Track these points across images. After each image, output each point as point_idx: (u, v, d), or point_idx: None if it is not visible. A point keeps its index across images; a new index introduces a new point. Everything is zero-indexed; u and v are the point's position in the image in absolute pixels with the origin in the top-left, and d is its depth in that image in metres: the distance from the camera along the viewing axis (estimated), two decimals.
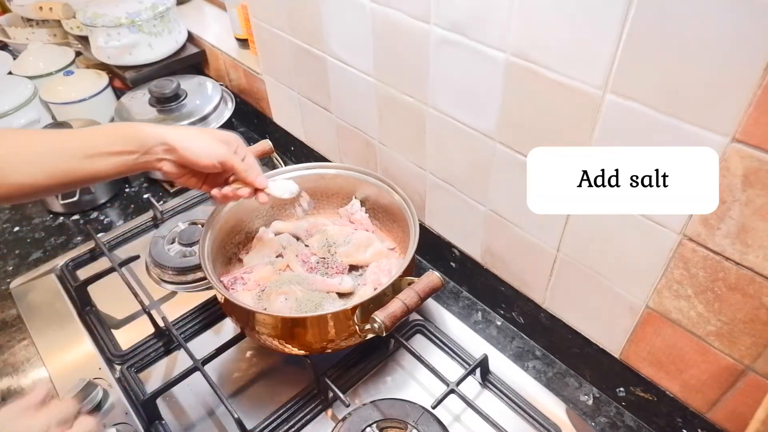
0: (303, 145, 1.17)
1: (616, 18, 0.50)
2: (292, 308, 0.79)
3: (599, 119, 0.57)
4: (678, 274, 0.59)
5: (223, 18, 1.37)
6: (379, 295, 0.73)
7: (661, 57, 0.49)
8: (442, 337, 0.85)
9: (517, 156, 0.69)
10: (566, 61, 0.57)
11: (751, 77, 0.44)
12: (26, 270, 1.02)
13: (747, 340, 0.57)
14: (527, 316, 0.85)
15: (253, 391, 0.81)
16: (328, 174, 0.95)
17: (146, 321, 0.86)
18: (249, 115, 1.33)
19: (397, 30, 0.74)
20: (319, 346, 0.75)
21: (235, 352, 0.85)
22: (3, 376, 0.85)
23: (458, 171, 0.81)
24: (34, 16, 1.42)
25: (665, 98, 0.51)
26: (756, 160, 0.47)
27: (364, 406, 0.74)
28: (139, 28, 1.22)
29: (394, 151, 0.91)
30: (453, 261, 0.93)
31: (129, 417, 0.77)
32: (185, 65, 1.34)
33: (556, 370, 0.83)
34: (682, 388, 0.68)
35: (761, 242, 0.51)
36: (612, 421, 0.76)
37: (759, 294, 0.53)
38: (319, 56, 0.93)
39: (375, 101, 0.87)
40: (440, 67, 0.72)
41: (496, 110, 0.68)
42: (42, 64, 1.35)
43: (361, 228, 0.94)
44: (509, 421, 0.73)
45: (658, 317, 0.64)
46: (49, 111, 1.30)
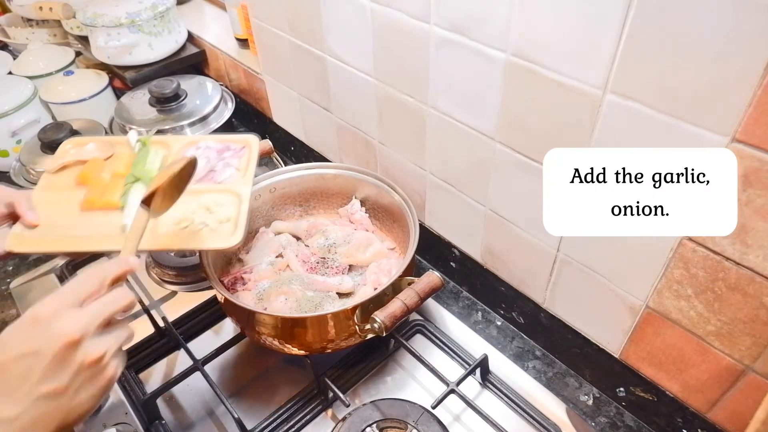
0: (303, 145, 1.17)
1: (616, 18, 0.50)
2: (292, 308, 0.79)
3: (599, 119, 0.57)
4: (678, 274, 0.59)
5: (223, 18, 1.37)
6: (379, 295, 0.73)
7: (661, 57, 0.49)
8: (442, 337, 0.85)
9: (517, 156, 0.69)
10: (566, 61, 0.57)
11: (751, 77, 0.44)
12: (26, 270, 1.02)
13: (747, 340, 0.57)
14: (527, 316, 0.85)
15: (253, 391, 0.81)
16: (328, 174, 0.95)
17: (146, 321, 0.87)
18: (249, 115, 1.33)
19: (397, 30, 0.74)
20: (319, 346, 0.75)
21: (235, 352, 0.85)
22: None
23: (458, 171, 0.81)
24: (34, 16, 1.42)
25: (665, 98, 0.51)
26: (756, 160, 0.47)
27: (364, 406, 0.74)
28: (139, 28, 1.21)
29: (394, 151, 0.91)
30: (453, 261, 0.93)
31: (129, 417, 0.77)
32: (185, 65, 1.34)
33: (556, 370, 0.83)
34: (682, 388, 0.68)
35: (761, 242, 0.51)
36: (612, 421, 0.76)
37: (759, 294, 0.53)
38: (319, 56, 0.93)
39: (375, 101, 0.87)
40: (440, 67, 0.72)
41: (496, 110, 0.68)
42: (42, 64, 1.35)
43: (361, 228, 0.94)
44: (509, 421, 0.73)
45: (658, 317, 0.64)
46: (49, 111, 1.30)
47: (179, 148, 0.82)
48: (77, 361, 0.46)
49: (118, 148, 0.80)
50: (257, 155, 0.83)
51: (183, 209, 0.71)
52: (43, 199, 0.73)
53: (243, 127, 1.37)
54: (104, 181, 0.75)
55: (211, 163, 0.81)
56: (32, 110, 1.25)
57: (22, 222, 0.68)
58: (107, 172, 0.76)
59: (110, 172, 0.76)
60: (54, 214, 0.71)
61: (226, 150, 0.84)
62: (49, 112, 1.30)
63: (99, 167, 0.78)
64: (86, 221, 0.71)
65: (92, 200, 0.73)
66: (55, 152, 0.81)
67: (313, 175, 0.94)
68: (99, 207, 0.72)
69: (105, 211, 0.72)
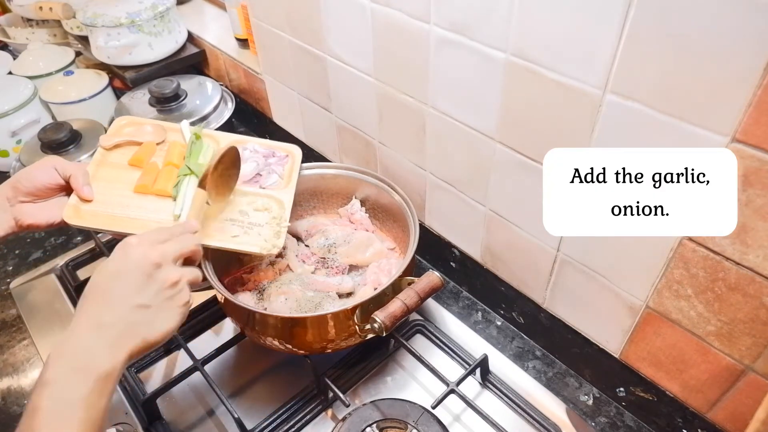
0: (303, 145, 1.17)
1: (616, 18, 0.50)
2: (292, 308, 0.79)
3: (599, 119, 0.57)
4: (678, 274, 0.59)
5: (223, 18, 1.37)
6: (379, 295, 0.73)
7: (661, 57, 0.49)
8: (442, 337, 0.85)
9: (517, 156, 0.69)
10: (566, 61, 0.57)
11: (751, 77, 0.44)
12: (26, 270, 1.02)
13: (747, 340, 0.57)
14: (527, 316, 0.85)
15: (253, 391, 0.81)
16: (328, 174, 0.95)
17: None
18: (249, 115, 1.33)
19: (397, 30, 0.74)
20: (319, 346, 0.75)
21: (235, 352, 0.85)
22: (3, 376, 0.85)
23: (458, 171, 0.81)
24: (34, 16, 1.42)
25: (665, 98, 0.51)
26: (756, 160, 0.47)
27: (364, 406, 0.74)
28: (139, 28, 1.21)
29: (394, 151, 0.91)
30: (453, 261, 0.93)
31: (129, 417, 0.77)
32: (185, 65, 1.34)
33: (556, 370, 0.83)
34: (682, 388, 0.68)
35: (761, 242, 0.51)
36: (612, 421, 0.76)
37: (759, 294, 0.53)
38: (319, 56, 0.93)
39: (375, 101, 0.87)
40: (440, 66, 0.72)
41: (496, 110, 0.68)
42: (42, 64, 1.35)
43: (361, 228, 0.94)
44: (509, 421, 0.73)
45: (658, 317, 0.64)
46: (49, 111, 1.30)
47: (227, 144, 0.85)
48: (159, 280, 0.56)
49: (170, 134, 0.84)
50: (299, 166, 0.88)
51: (232, 207, 0.80)
52: (98, 174, 0.77)
53: (243, 127, 1.37)
54: (156, 167, 0.79)
55: (259, 167, 0.84)
56: (32, 110, 1.25)
57: (77, 195, 0.72)
58: (159, 158, 0.80)
59: (162, 159, 0.80)
60: (107, 191, 0.75)
61: (271, 156, 0.88)
62: (49, 112, 1.30)
63: (151, 152, 0.81)
64: (139, 204, 0.75)
65: (145, 186, 0.76)
66: (110, 126, 0.85)
67: (313, 175, 0.94)
68: (151, 193, 0.76)
69: (157, 197, 0.76)
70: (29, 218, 0.70)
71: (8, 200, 0.70)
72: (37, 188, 0.71)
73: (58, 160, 0.73)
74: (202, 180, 0.72)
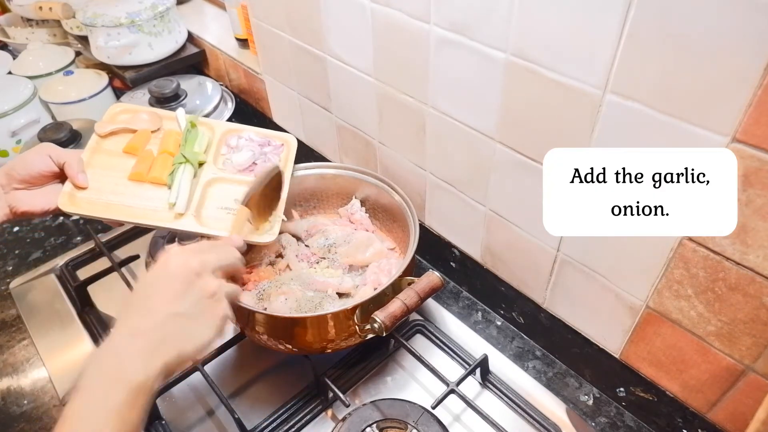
0: (303, 145, 1.17)
1: (616, 18, 0.50)
2: (292, 308, 0.79)
3: (599, 119, 0.57)
4: (678, 274, 0.59)
5: (223, 18, 1.37)
6: (379, 295, 0.73)
7: (661, 57, 0.49)
8: (442, 337, 0.85)
9: (517, 156, 0.69)
10: (566, 61, 0.57)
11: (751, 77, 0.44)
12: (26, 270, 1.02)
13: (747, 340, 0.57)
14: (527, 316, 0.85)
15: (253, 391, 0.81)
16: (328, 174, 0.95)
17: None
18: (249, 115, 1.33)
19: (397, 30, 0.74)
20: (319, 346, 0.75)
21: (235, 352, 0.85)
22: (3, 376, 0.85)
23: (458, 171, 0.81)
24: (33, 16, 1.42)
25: (665, 98, 0.51)
26: (756, 160, 0.47)
27: (364, 406, 0.74)
28: (139, 28, 1.21)
29: (394, 151, 0.91)
30: (453, 261, 0.93)
31: None
32: (185, 65, 1.34)
33: (556, 370, 0.83)
34: (683, 388, 0.68)
35: (761, 242, 0.51)
36: (612, 421, 0.76)
37: (759, 294, 0.53)
38: (319, 56, 0.93)
39: (375, 101, 0.87)
40: (440, 66, 0.72)
41: (496, 110, 0.68)
42: (42, 64, 1.35)
43: (361, 228, 0.94)
44: (509, 421, 0.73)
45: (658, 317, 0.64)
46: (49, 111, 1.30)
47: (222, 133, 0.85)
48: (197, 288, 0.55)
49: (166, 122, 0.83)
50: (294, 156, 0.86)
51: (226, 196, 0.78)
52: (92, 161, 0.76)
53: None
54: (151, 155, 0.78)
55: (254, 156, 0.84)
56: (32, 110, 1.25)
57: (71, 182, 0.72)
58: (154, 146, 0.79)
59: (158, 147, 0.79)
60: (102, 179, 0.74)
61: (267, 145, 0.87)
62: (49, 112, 1.30)
63: (146, 139, 0.80)
64: (134, 192, 0.75)
65: (140, 174, 0.76)
66: (105, 114, 0.84)
67: (313, 175, 0.94)
68: (146, 181, 0.76)
69: (152, 185, 0.76)
70: (24, 205, 0.70)
71: (2, 187, 0.69)
72: (32, 175, 0.70)
73: (52, 147, 0.72)
74: (247, 198, 0.71)
